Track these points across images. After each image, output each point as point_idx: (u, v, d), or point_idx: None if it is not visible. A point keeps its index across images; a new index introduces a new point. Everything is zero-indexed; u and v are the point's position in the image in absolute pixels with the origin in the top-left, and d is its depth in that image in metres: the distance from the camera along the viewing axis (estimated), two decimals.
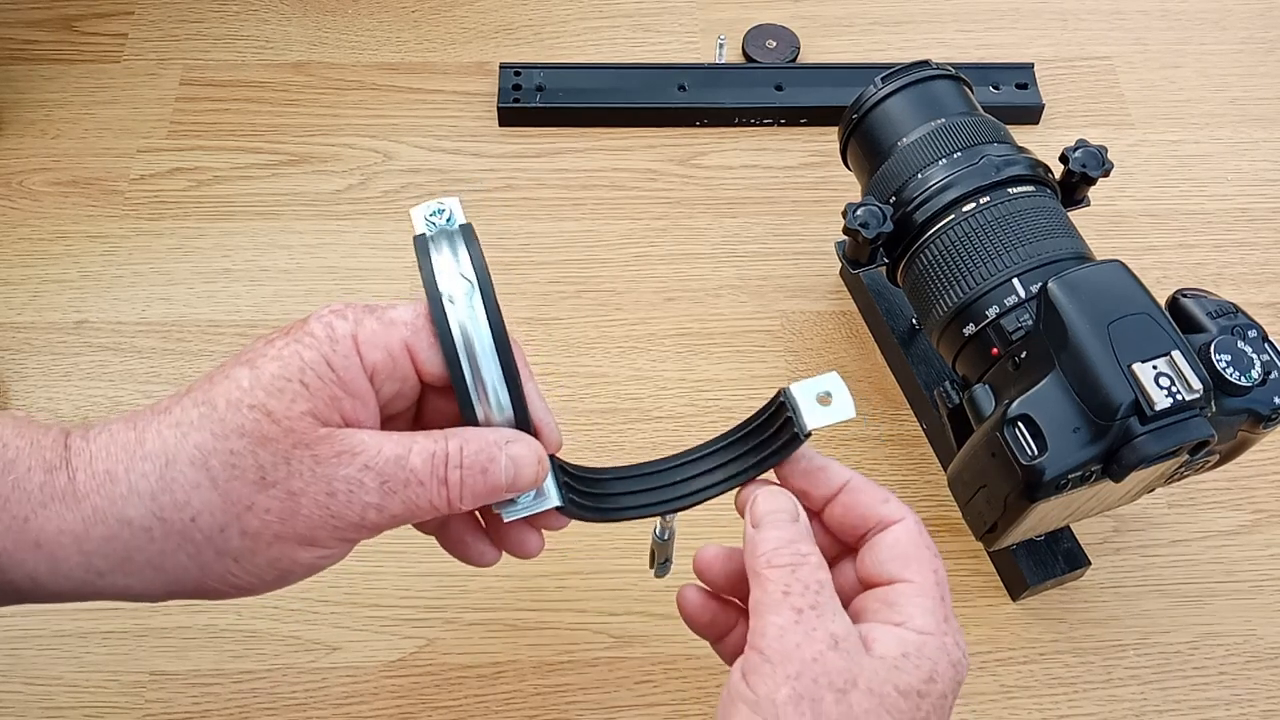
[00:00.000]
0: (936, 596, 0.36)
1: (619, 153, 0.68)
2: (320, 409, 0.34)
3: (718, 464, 0.40)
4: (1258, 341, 0.46)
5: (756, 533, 0.37)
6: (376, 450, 0.35)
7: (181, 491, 0.34)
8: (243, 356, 0.35)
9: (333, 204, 0.66)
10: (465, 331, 0.35)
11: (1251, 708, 0.51)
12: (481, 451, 0.36)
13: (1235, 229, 0.66)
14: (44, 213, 0.64)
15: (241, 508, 0.34)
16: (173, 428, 0.34)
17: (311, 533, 0.35)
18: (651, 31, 0.74)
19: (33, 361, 0.59)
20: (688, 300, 0.63)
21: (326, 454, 0.34)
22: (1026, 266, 0.49)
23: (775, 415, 0.39)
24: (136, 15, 0.73)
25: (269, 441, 0.34)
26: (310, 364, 0.34)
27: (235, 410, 0.34)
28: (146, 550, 0.34)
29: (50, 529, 0.34)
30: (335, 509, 0.34)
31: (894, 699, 0.33)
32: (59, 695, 0.50)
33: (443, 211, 0.38)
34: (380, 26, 0.73)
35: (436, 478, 0.35)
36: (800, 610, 0.34)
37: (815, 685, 0.33)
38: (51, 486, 0.34)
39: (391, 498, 0.35)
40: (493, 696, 0.50)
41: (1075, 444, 0.42)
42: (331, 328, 0.35)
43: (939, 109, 0.54)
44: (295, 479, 0.34)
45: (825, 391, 0.38)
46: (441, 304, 0.35)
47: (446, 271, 0.36)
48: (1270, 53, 0.74)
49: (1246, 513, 0.56)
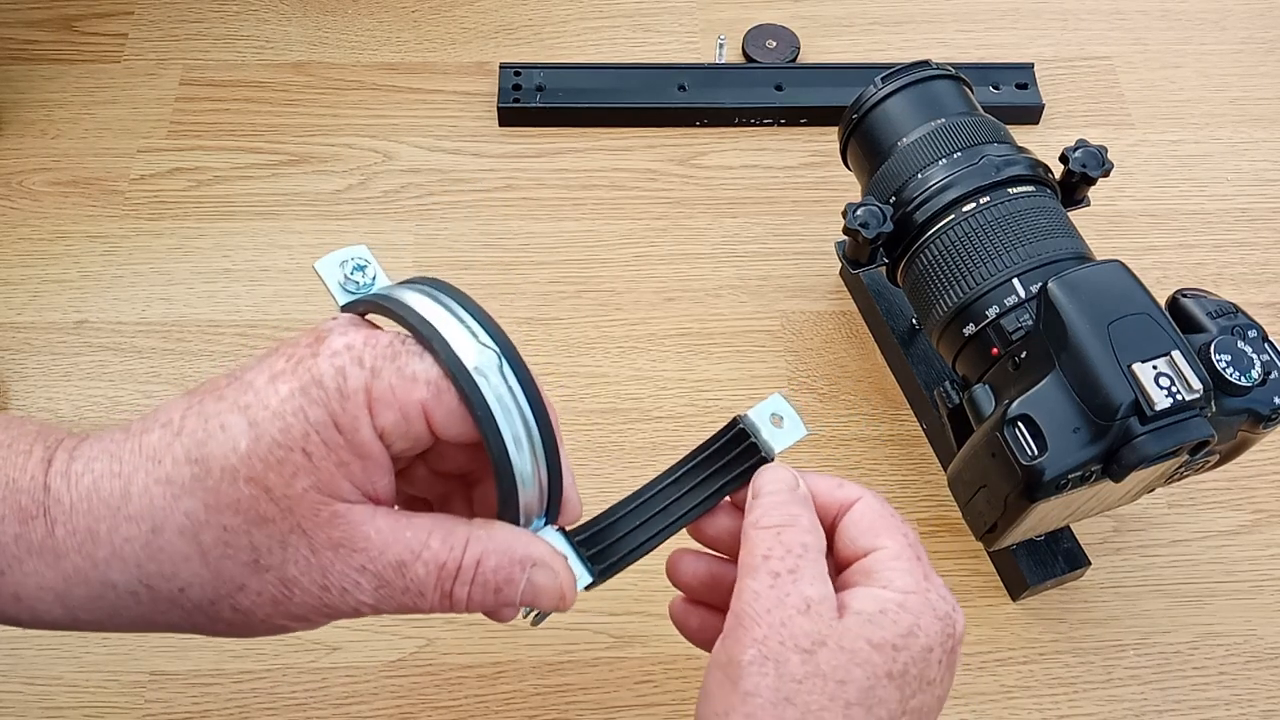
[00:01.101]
0: (912, 557, 0.36)
1: (619, 153, 0.68)
2: (325, 481, 0.31)
3: (687, 488, 0.39)
4: (1258, 341, 0.46)
5: (754, 501, 0.37)
6: (379, 550, 0.32)
7: (169, 563, 0.32)
8: (241, 393, 0.32)
9: (333, 204, 0.66)
10: (505, 407, 0.32)
11: (1251, 708, 0.51)
12: (500, 570, 0.33)
13: (1235, 229, 0.66)
14: (44, 213, 0.64)
15: (234, 587, 0.32)
16: (162, 485, 0.31)
17: (304, 614, 0.33)
18: (651, 31, 0.74)
19: (32, 361, 0.59)
20: (688, 300, 0.63)
21: (323, 544, 0.32)
22: (1026, 266, 0.49)
23: (735, 440, 0.39)
24: (136, 15, 0.73)
25: (265, 523, 0.31)
26: (315, 426, 0.31)
27: (231, 482, 0.31)
28: (133, 610, 0.33)
29: (29, 585, 0.32)
30: (329, 600, 0.32)
31: (866, 652, 0.33)
32: (59, 695, 0.50)
33: (363, 268, 0.35)
34: (380, 26, 0.73)
35: (440, 591, 0.33)
36: (777, 574, 0.34)
37: (781, 647, 0.33)
38: (28, 540, 0.31)
39: (387, 602, 0.33)
40: (492, 696, 0.50)
41: (1075, 444, 0.42)
42: (344, 378, 0.31)
43: (939, 109, 0.54)
44: (290, 566, 0.32)
45: (775, 414, 0.39)
46: (474, 381, 0.32)
47: (460, 338, 0.32)
48: (1270, 53, 0.74)
49: (1246, 513, 0.56)
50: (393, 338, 0.33)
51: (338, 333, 0.33)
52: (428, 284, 0.35)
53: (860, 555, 0.37)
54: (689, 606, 0.40)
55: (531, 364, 0.37)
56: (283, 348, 0.33)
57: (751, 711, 0.33)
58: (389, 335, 0.33)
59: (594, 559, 0.37)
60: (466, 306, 0.33)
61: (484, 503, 0.38)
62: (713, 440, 0.40)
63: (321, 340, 0.32)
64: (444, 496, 0.39)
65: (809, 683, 0.33)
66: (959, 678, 0.51)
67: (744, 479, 0.39)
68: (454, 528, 0.33)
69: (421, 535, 0.33)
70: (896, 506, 0.55)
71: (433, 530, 0.33)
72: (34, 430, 0.34)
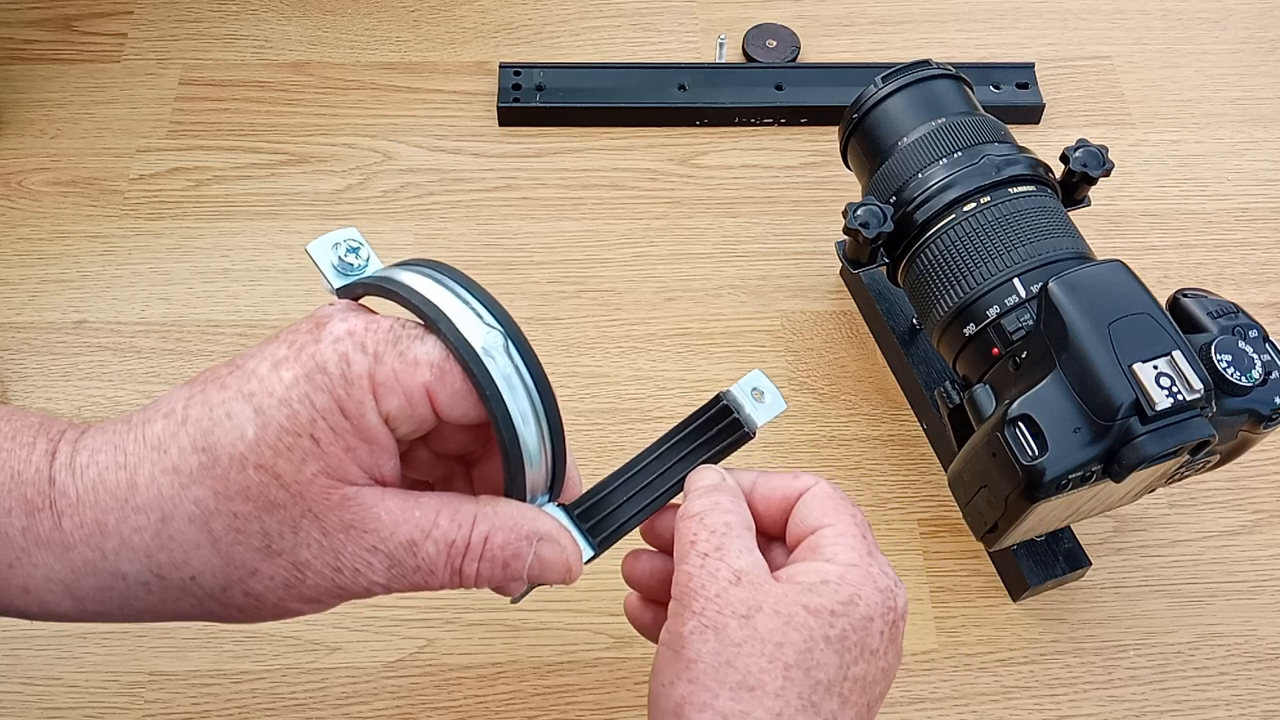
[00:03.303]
0: (857, 535, 0.37)
1: (619, 152, 0.68)
2: (333, 465, 0.32)
3: (673, 461, 0.40)
4: (1258, 341, 0.46)
5: (684, 501, 0.38)
6: (390, 531, 0.33)
7: (180, 551, 0.32)
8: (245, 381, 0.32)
9: (332, 204, 0.65)
10: (512, 386, 0.32)
11: (1252, 708, 0.51)
12: (507, 546, 0.34)
13: (1235, 229, 0.66)
14: (43, 212, 0.64)
15: (245, 572, 0.32)
16: (169, 474, 0.31)
17: (317, 596, 0.33)
18: (651, 31, 0.74)
19: (32, 361, 0.59)
20: (688, 300, 0.63)
21: (335, 526, 0.32)
22: (1027, 266, 0.49)
23: (719, 415, 0.40)
24: (136, 15, 0.73)
25: (276, 508, 0.31)
26: (322, 412, 0.31)
27: (240, 469, 0.31)
28: (144, 600, 0.33)
29: (38, 576, 0.32)
30: (341, 582, 0.33)
31: (802, 617, 0.34)
32: (58, 695, 0.50)
33: (356, 249, 0.35)
34: (380, 26, 0.73)
35: (450, 568, 0.33)
36: (705, 555, 0.36)
37: (720, 615, 0.34)
38: (35, 532, 0.32)
39: (399, 581, 0.33)
40: (493, 697, 0.50)
41: (1076, 444, 0.42)
42: (347, 363, 0.32)
43: (939, 109, 0.54)
44: (302, 549, 0.32)
45: (756, 388, 0.40)
46: (481, 362, 0.32)
47: (465, 319, 0.32)
48: (1270, 53, 0.74)
49: (1247, 513, 0.56)
50: (393, 322, 0.33)
51: (338, 318, 0.33)
52: (426, 265, 0.35)
53: (808, 534, 0.38)
54: (643, 604, 0.41)
55: None
56: (283, 334, 0.33)
57: (695, 676, 0.34)
58: (389, 320, 0.33)
59: (591, 531, 0.38)
60: (468, 286, 0.34)
61: (485, 482, 0.39)
62: (696, 415, 0.40)
63: (322, 326, 0.33)
64: (446, 478, 0.39)
65: (748, 645, 0.34)
66: (959, 677, 0.51)
67: (727, 452, 0.40)
68: (461, 506, 0.34)
69: (430, 514, 0.33)
70: (896, 506, 0.56)
71: (441, 509, 0.33)
72: (36, 422, 0.34)
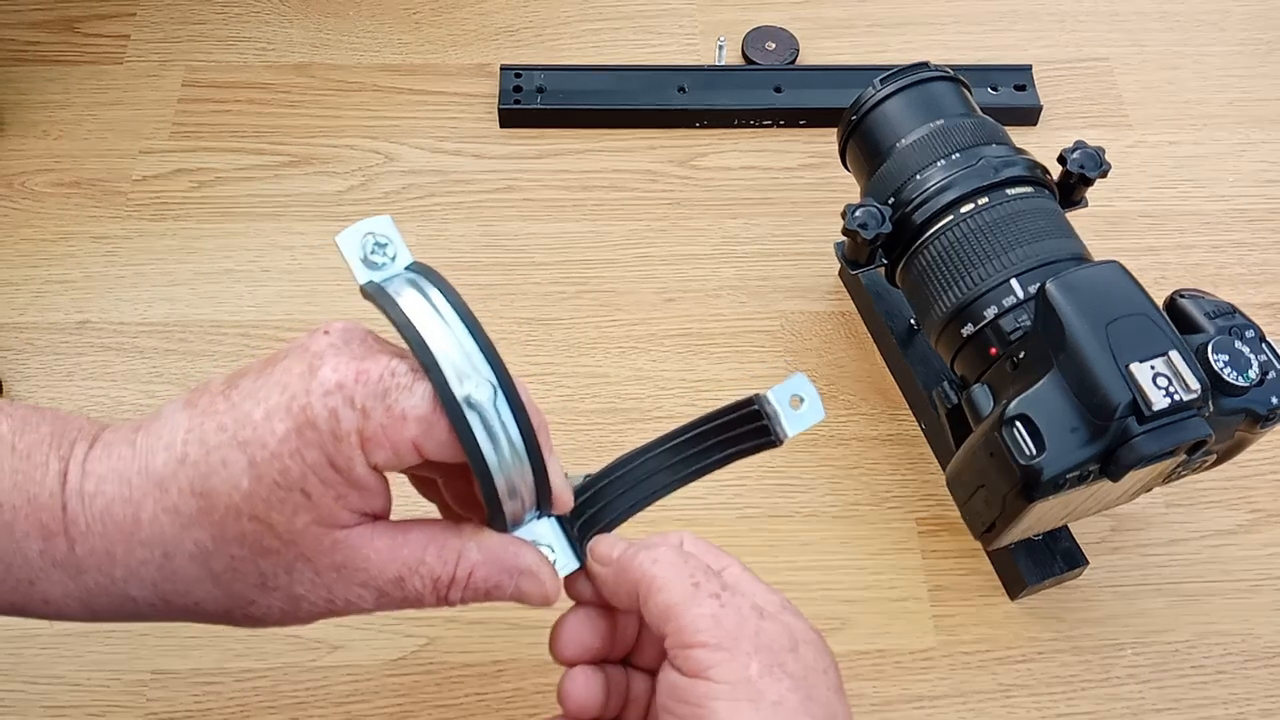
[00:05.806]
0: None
1: (619, 154, 0.69)
2: (324, 514, 0.33)
3: (681, 456, 0.40)
4: (1255, 342, 0.46)
5: (626, 556, 0.36)
6: (379, 570, 0.34)
7: (183, 584, 0.34)
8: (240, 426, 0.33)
9: (335, 205, 0.66)
10: (495, 438, 0.33)
11: (1249, 706, 0.51)
12: (490, 579, 0.36)
13: (1233, 230, 0.66)
14: (47, 213, 0.65)
15: (245, 602, 0.35)
16: (170, 514, 0.33)
17: (313, 617, 0.36)
18: (651, 33, 0.74)
19: (35, 362, 0.59)
20: (688, 301, 0.63)
21: (326, 567, 0.34)
22: (1025, 267, 0.49)
23: (746, 418, 0.39)
24: (139, 17, 0.73)
25: (270, 554, 0.34)
26: (313, 467, 0.32)
27: (235, 518, 0.33)
28: (153, 615, 0.36)
29: (56, 592, 0.34)
30: (335, 609, 0.35)
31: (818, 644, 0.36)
32: (60, 694, 0.50)
33: (384, 245, 0.34)
34: (381, 28, 0.74)
35: (436, 597, 0.36)
36: (717, 595, 0.35)
37: (773, 652, 0.34)
38: (51, 554, 0.34)
39: (388, 607, 0.36)
40: (494, 695, 0.50)
41: (1073, 444, 0.43)
42: (337, 420, 0.32)
43: (937, 110, 0.54)
44: (297, 585, 0.34)
45: (796, 394, 0.39)
46: (464, 415, 0.32)
47: (459, 367, 0.33)
48: (1269, 53, 0.75)
49: (1244, 512, 0.57)
50: (383, 371, 0.33)
51: (329, 364, 0.33)
52: (431, 287, 0.34)
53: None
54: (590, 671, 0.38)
55: (532, 364, 0.37)
56: (277, 368, 0.34)
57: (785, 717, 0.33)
58: (379, 368, 0.33)
59: (591, 520, 0.38)
60: (466, 322, 0.33)
61: None
62: (725, 411, 0.40)
63: (315, 372, 0.33)
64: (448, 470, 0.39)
65: (812, 676, 0.34)
66: (957, 675, 0.52)
67: (741, 455, 0.40)
68: (447, 541, 0.35)
69: (418, 551, 0.35)
70: (894, 505, 0.56)
71: (428, 545, 0.35)
72: (48, 434, 0.35)
